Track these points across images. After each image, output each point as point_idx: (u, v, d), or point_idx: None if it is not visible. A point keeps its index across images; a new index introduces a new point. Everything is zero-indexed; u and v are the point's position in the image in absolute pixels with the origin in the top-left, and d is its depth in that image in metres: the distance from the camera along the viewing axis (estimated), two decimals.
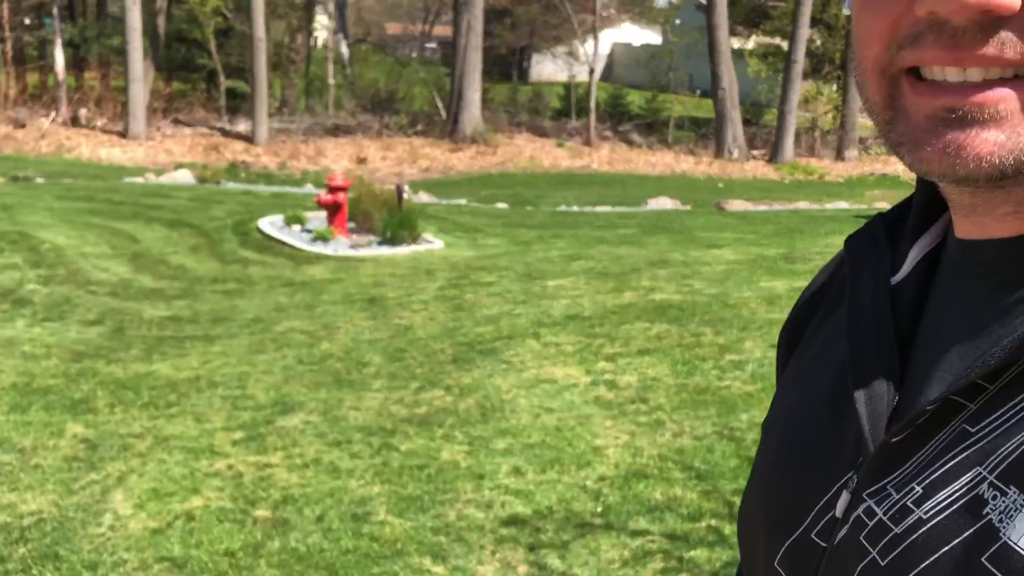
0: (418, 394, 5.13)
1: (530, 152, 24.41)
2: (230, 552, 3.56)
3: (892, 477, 0.53)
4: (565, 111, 29.69)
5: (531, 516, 3.77)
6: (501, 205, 14.38)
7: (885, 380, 0.56)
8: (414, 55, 35.87)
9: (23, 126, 21.66)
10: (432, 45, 40.49)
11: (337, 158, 21.74)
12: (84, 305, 6.90)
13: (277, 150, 22.20)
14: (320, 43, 34.79)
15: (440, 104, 26.42)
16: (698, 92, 32.71)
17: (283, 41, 28.18)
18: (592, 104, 25.76)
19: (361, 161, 21.50)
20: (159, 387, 5.27)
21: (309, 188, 14.99)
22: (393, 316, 6.67)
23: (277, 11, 27.73)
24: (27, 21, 28.71)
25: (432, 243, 9.34)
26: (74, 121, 22.78)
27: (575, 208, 14.49)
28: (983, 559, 0.46)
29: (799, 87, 22.95)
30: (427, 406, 4.96)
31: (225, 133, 23.28)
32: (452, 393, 5.12)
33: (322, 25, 33.40)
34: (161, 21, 24.06)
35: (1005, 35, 0.45)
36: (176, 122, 23.91)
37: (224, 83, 26.53)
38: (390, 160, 22.26)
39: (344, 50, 29.90)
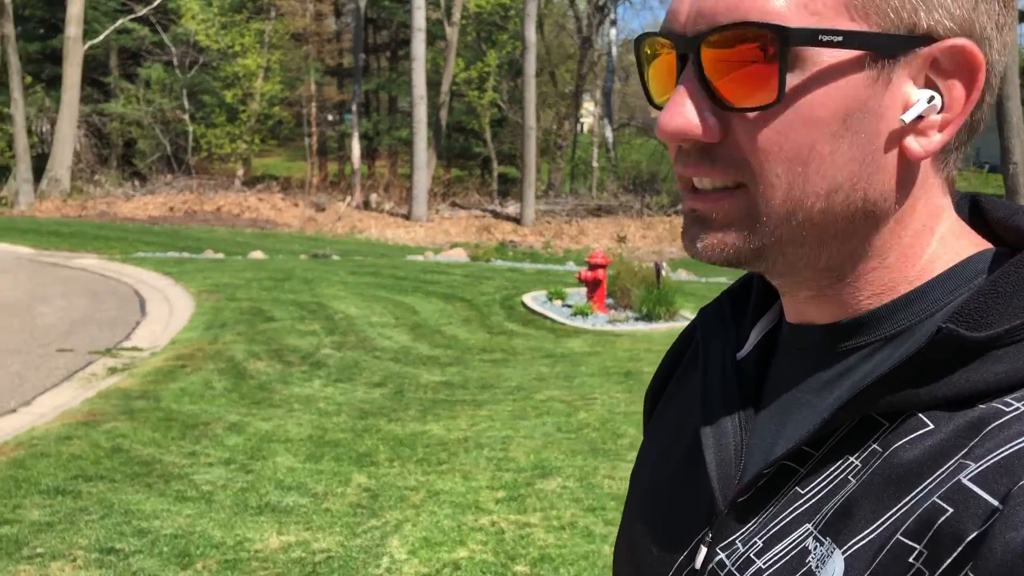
0: None
1: None
2: None
3: (740, 532, 0.61)
4: None
5: None
6: None
7: (732, 446, 0.65)
8: None
9: (323, 209, 24.32)
10: None
11: (598, 237, 22.38)
12: (370, 368, 7.63)
13: (542, 230, 23.26)
14: (586, 128, 36.23)
15: None
16: (986, 167, 30.31)
17: (552, 128, 29.69)
18: None
19: (621, 240, 21.97)
20: (432, 445, 5.71)
21: (571, 266, 15.57)
22: None
23: (547, 101, 29.38)
24: (330, 118, 32.53)
25: (689, 320, 9.36)
26: (365, 205, 25.27)
27: None
28: None
29: None
30: None
31: (496, 215, 24.77)
32: None
33: (588, 111, 34.80)
34: (443, 114, 26.25)
35: (715, 157, 0.58)
36: (453, 205, 25.81)
37: (496, 169, 28.41)
38: (650, 239, 22.57)
39: (608, 134, 30.88)
